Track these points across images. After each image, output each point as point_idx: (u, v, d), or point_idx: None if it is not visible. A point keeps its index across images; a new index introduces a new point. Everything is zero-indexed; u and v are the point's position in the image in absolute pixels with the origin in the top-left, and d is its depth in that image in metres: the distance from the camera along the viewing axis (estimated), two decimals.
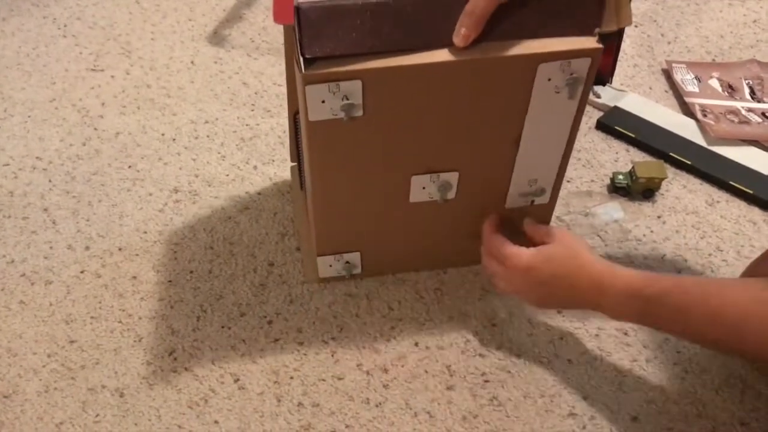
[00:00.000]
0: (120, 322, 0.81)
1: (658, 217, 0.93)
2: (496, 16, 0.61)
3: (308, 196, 0.77)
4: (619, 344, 0.80)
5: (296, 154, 0.86)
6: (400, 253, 0.83)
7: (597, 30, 0.64)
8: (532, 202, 0.78)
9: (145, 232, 0.91)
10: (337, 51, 0.60)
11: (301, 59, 0.60)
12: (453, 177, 0.73)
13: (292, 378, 0.76)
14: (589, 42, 0.63)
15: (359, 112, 0.64)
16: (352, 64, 0.61)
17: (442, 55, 0.62)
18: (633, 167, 0.94)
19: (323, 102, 0.63)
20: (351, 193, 0.74)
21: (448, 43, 0.62)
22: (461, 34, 0.61)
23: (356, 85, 0.62)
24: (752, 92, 1.10)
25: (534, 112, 0.68)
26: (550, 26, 0.63)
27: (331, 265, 0.81)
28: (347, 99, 0.63)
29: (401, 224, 0.78)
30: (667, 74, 1.15)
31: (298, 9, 0.59)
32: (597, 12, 0.63)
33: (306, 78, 0.61)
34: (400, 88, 0.64)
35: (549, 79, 0.65)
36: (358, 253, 0.81)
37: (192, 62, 1.18)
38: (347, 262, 0.81)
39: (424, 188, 0.74)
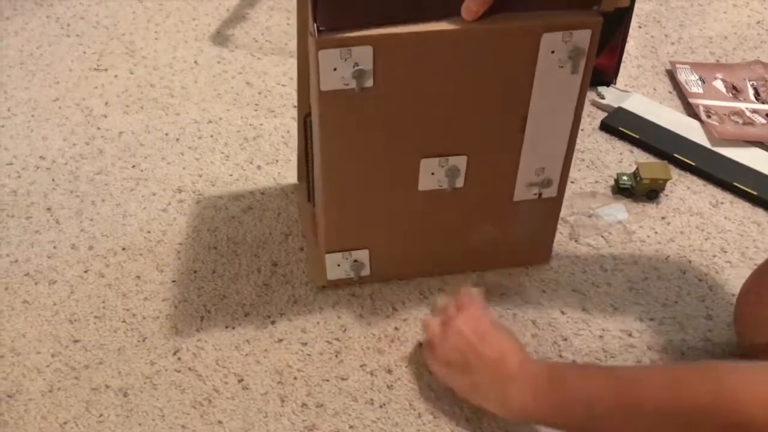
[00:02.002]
0: (124, 321, 0.81)
1: (663, 218, 0.93)
2: None
3: (318, 187, 0.78)
4: (623, 345, 0.79)
5: (305, 170, 0.87)
6: (409, 253, 0.83)
7: (596, 7, 0.67)
8: (540, 195, 0.79)
9: (149, 232, 0.91)
10: (350, 21, 0.64)
11: (315, 28, 0.63)
12: (461, 161, 0.75)
13: (296, 378, 0.76)
14: (590, 15, 0.67)
15: (369, 81, 0.67)
16: (363, 30, 0.64)
17: (450, 25, 0.65)
18: (637, 168, 0.94)
19: (335, 70, 0.65)
20: (360, 179, 0.75)
21: (456, 15, 0.65)
22: (470, 8, 0.64)
23: (367, 51, 0.65)
24: (756, 93, 1.10)
25: (539, 87, 0.70)
26: (552, 2, 0.67)
27: (339, 265, 0.81)
28: (358, 65, 0.65)
29: (410, 216, 0.79)
30: (671, 75, 1.15)
31: None
32: None
33: (319, 43, 0.63)
34: (409, 57, 0.66)
35: (552, 51, 0.68)
36: (366, 251, 0.81)
37: (195, 62, 1.18)
38: (356, 261, 0.81)
39: (432, 174, 0.75)
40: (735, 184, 0.96)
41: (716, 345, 0.80)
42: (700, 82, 1.12)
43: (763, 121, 1.05)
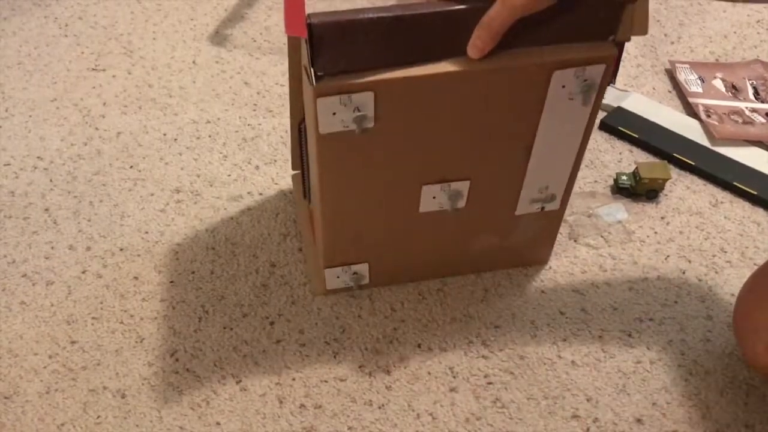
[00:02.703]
0: (121, 322, 0.81)
1: (662, 218, 0.93)
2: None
3: (316, 209, 0.77)
4: (623, 346, 0.79)
5: (299, 162, 0.86)
6: (408, 263, 0.83)
7: (612, 38, 0.63)
8: (543, 208, 0.78)
9: (147, 233, 0.91)
10: (350, 67, 0.60)
11: (312, 73, 0.59)
12: (464, 186, 0.73)
13: (294, 379, 0.76)
14: (604, 48, 0.63)
15: (371, 124, 0.64)
16: (364, 75, 0.60)
17: (455, 65, 0.61)
18: (636, 168, 0.94)
19: (334, 114, 0.62)
20: (360, 205, 0.73)
21: (461, 54, 0.61)
22: (477, 46, 0.60)
23: (368, 97, 0.61)
24: (756, 92, 1.10)
25: (547, 119, 0.67)
26: (564, 33, 0.62)
27: (338, 277, 0.81)
28: (359, 111, 0.62)
29: (410, 234, 0.78)
30: (671, 74, 1.15)
31: (310, 25, 0.58)
32: (613, 20, 0.62)
33: (318, 91, 0.60)
34: (412, 98, 0.63)
35: (563, 86, 0.64)
36: (366, 265, 0.81)
37: (194, 62, 1.18)
38: (355, 273, 0.81)
39: (434, 198, 0.73)
40: (735, 183, 0.96)
41: (716, 345, 0.79)
42: (699, 82, 1.12)
43: (763, 120, 1.05)
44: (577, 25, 0.62)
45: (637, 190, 0.94)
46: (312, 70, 0.59)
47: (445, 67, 0.61)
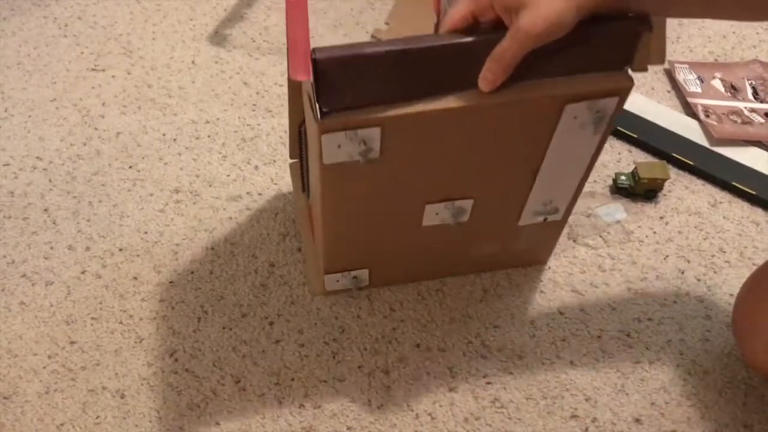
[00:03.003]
0: (121, 323, 0.81)
1: (661, 218, 0.93)
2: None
3: (316, 222, 0.76)
4: (622, 346, 0.79)
5: (297, 151, 0.85)
6: (409, 268, 0.83)
7: (628, 69, 0.60)
8: (545, 219, 0.77)
9: (146, 233, 0.91)
10: (356, 102, 0.57)
11: (318, 108, 0.57)
12: (468, 203, 0.72)
13: (293, 380, 0.76)
14: (619, 79, 0.60)
15: (376, 155, 0.62)
16: (370, 110, 0.58)
17: (465, 99, 0.59)
18: (635, 168, 0.94)
19: (339, 147, 0.60)
20: (362, 223, 0.72)
21: (471, 86, 0.58)
22: (488, 79, 0.58)
23: (375, 132, 0.59)
24: (755, 92, 1.10)
25: (556, 145, 0.66)
26: (577, 63, 0.59)
27: (338, 281, 0.81)
28: (365, 144, 0.60)
29: (411, 244, 0.78)
30: (670, 74, 1.15)
31: (314, 61, 0.55)
32: (629, 49, 0.59)
33: (323, 127, 0.57)
34: (420, 132, 0.61)
35: (575, 117, 0.62)
36: (366, 270, 0.81)
37: (193, 62, 1.18)
38: (354, 277, 0.81)
39: (437, 214, 0.73)
40: (733, 183, 0.96)
41: (715, 345, 0.79)
42: (698, 82, 1.12)
43: (762, 120, 1.05)
44: (591, 55, 0.59)
45: (636, 190, 0.94)
46: (317, 105, 0.57)
47: (454, 101, 0.58)
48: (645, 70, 0.60)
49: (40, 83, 1.13)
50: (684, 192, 0.97)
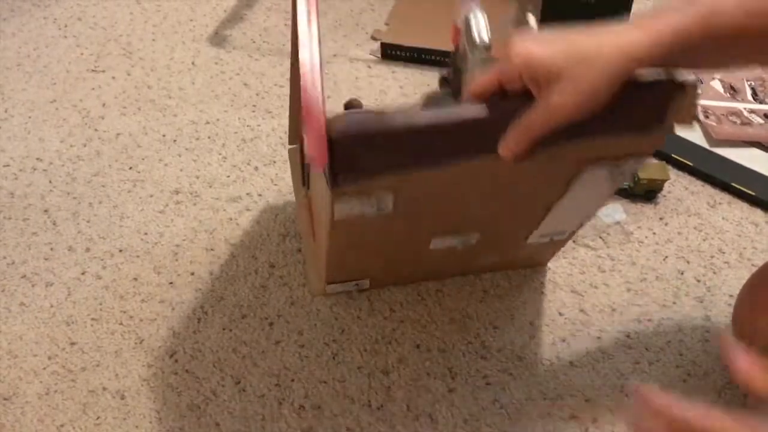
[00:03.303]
0: (121, 323, 0.81)
1: (660, 218, 0.93)
2: None
3: (319, 243, 0.76)
4: (621, 347, 0.79)
5: (294, 135, 0.85)
6: (411, 275, 0.84)
7: (655, 129, 0.56)
8: (551, 239, 0.78)
9: (146, 234, 0.91)
10: (371, 170, 0.54)
11: (331, 176, 0.54)
12: (475, 235, 0.72)
13: (293, 380, 0.76)
14: (645, 141, 0.57)
15: (389, 210, 0.60)
16: (385, 176, 0.55)
17: (483, 161, 0.55)
18: None
19: (351, 207, 0.58)
20: (368, 254, 0.72)
21: (491, 152, 0.54)
22: (510, 149, 0.53)
23: (388, 195, 0.57)
24: (754, 93, 1.10)
25: (572, 194, 0.65)
26: (606, 127, 0.55)
27: (338, 289, 0.83)
28: (377, 203, 0.58)
29: (415, 261, 0.78)
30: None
31: (330, 139, 0.51)
32: (660, 110, 0.55)
33: (336, 195, 0.55)
34: (434, 189, 0.59)
35: (596, 173, 0.61)
36: (367, 280, 0.82)
37: (193, 63, 1.18)
38: (356, 284, 0.82)
39: (443, 241, 0.72)
40: (733, 184, 0.96)
41: (714, 346, 0.79)
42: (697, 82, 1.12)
43: (761, 121, 1.05)
44: (620, 118, 0.55)
45: (636, 190, 0.94)
46: (330, 174, 0.54)
47: (472, 165, 0.56)
48: (672, 132, 0.57)
49: (40, 84, 1.13)
50: (683, 193, 0.97)
